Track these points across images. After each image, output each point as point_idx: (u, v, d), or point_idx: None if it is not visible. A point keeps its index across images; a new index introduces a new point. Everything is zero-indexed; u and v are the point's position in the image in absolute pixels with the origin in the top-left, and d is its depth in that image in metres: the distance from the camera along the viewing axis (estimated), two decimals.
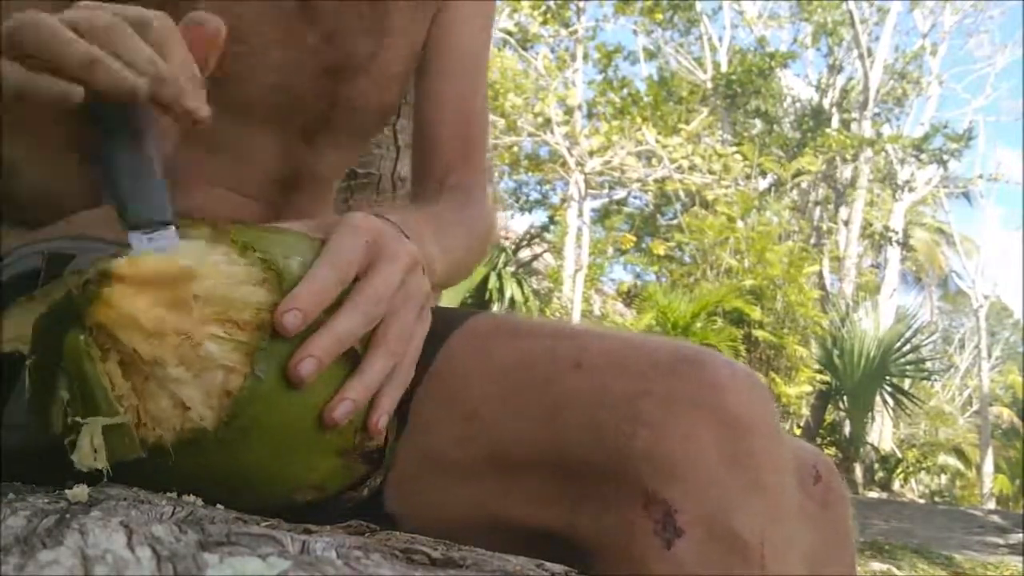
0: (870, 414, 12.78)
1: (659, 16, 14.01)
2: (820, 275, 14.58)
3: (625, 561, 0.55)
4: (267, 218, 0.80)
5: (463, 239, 0.80)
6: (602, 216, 14.93)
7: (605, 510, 0.56)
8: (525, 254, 13.08)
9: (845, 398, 12.20)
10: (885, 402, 12.17)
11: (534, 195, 15.34)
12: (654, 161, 12.59)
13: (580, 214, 12.46)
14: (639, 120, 11.71)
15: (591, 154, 11.83)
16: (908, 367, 12.03)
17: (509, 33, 12.42)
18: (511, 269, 10.85)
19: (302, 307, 0.49)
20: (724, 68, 15.10)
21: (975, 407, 20.63)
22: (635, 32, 14.73)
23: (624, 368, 0.58)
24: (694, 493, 0.54)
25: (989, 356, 19.71)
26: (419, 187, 0.90)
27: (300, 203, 0.82)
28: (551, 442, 0.58)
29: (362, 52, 0.78)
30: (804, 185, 15.76)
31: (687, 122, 12.94)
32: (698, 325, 9.82)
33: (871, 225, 16.45)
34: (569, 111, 12.30)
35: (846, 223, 15.75)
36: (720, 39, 16.33)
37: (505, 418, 0.60)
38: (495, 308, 10.11)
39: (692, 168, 12.17)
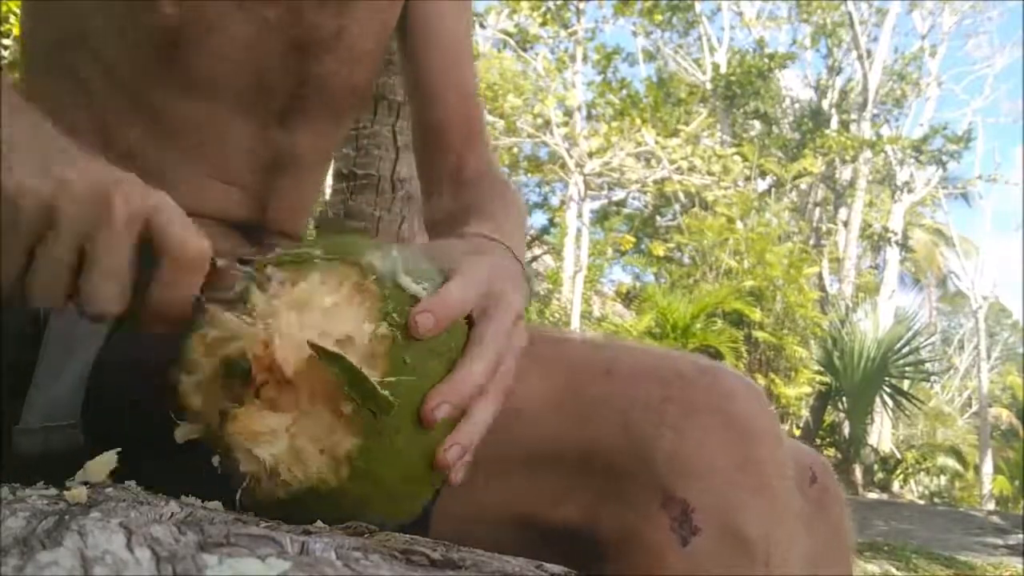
0: (869, 415, 12.79)
1: (658, 17, 14.02)
2: (820, 276, 14.59)
3: (643, 556, 0.57)
4: (251, 204, 0.80)
5: (520, 231, 0.82)
6: (601, 217, 14.94)
7: (625, 506, 0.59)
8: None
9: (844, 399, 12.20)
10: (884, 403, 12.17)
11: (533, 197, 15.35)
12: (653, 162, 12.60)
13: (579, 215, 12.47)
14: (638, 121, 11.72)
15: (590, 155, 11.84)
16: (907, 368, 12.04)
17: (508, 34, 12.43)
18: None
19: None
20: (723, 69, 15.10)
21: (974, 408, 20.64)
22: (634, 33, 14.74)
23: (651, 376, 0.62)
24: (709, 493, 0.57)
25: (988, 357, 19.72)
26: (431, 179, 0.91)
27: (284, 188, 0.82)
28: (582, 441, 0.61)
29: (327, 28, 0.78)
30: (803, 186, 15.77)
31: (686, 123, 12.95)
32: (698, 326, 9.82)
33: (870, 226, 16.46)
34: (568, 112, 12.31)
35: (845, 224, 15.76)
36: (719, 40, 16.34)
37: (544, 416, 0.62)
38: None
39: (691, 169, 12.17)
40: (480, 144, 0.91)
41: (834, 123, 16.41)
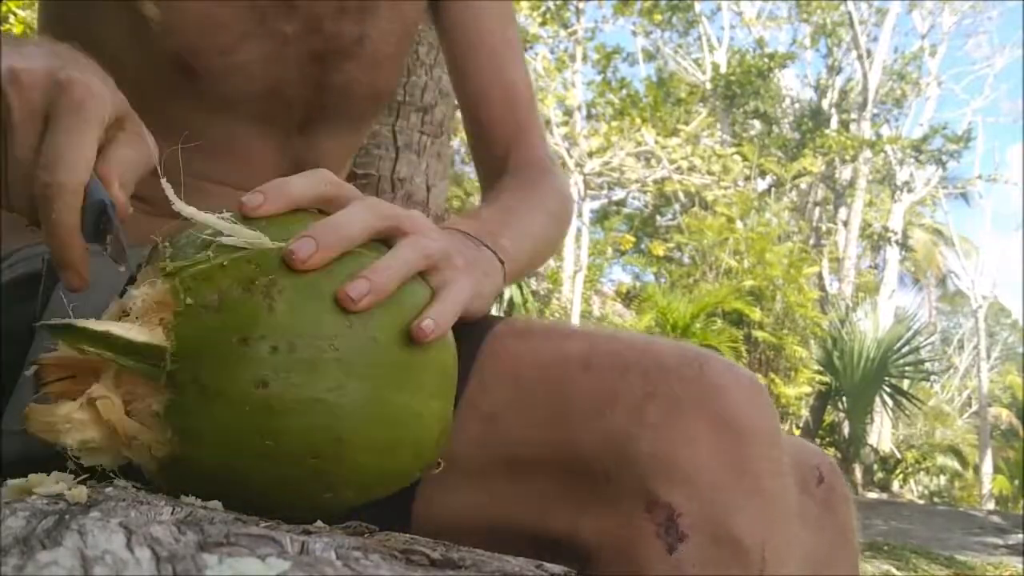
0: (869, 415, 12.79)
1: (658, 17, 14.03)
2: (820, 276, 14.59)
3: (627, 565, 0.54)
4: None
5: (539, 219, 0.79)
6: (601, 217, 14.94)
7: (608, 513, 0.56)
8: None
9: (844, 399, 12.20)
10: (884, 403, 12.17)
11: None
12: (653, 162, 12.60)
13: (579, 215, 12.47)
14: (638, 121, 11.72)
15: (590, 155, 11.84)
16: (907, 368, 12.04)
17: None
18: None
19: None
20: (723, 69, 15.11)
21: (974, 408, 20.64)
22: (634, 33, 14.74)
23: (631, 369, 0.58)
24: (696, 497, 0.54)
25: (988, 357, 19.72)
26: (484, 175, 0.90)
27: None
28: (560, 444, 0.58)
29: (348, 36, 0.77)
30: (803, 186, 15.77)
31: (686, 123, 12.95)
32: (697, 326, 9.82)
33: (870, 226, 16.46)
34: (568, 112, 12.31)
35: (845, 224, 15.76)
36: (719, 40, 16.35)
37: (519, 419, 0.60)
38: (493, 309, 10.09)
39: (691, 169, 12.18)
40: (530, 138, 0.89)
41: (834, 123, 16.41)
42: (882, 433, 14.65)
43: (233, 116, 0.75)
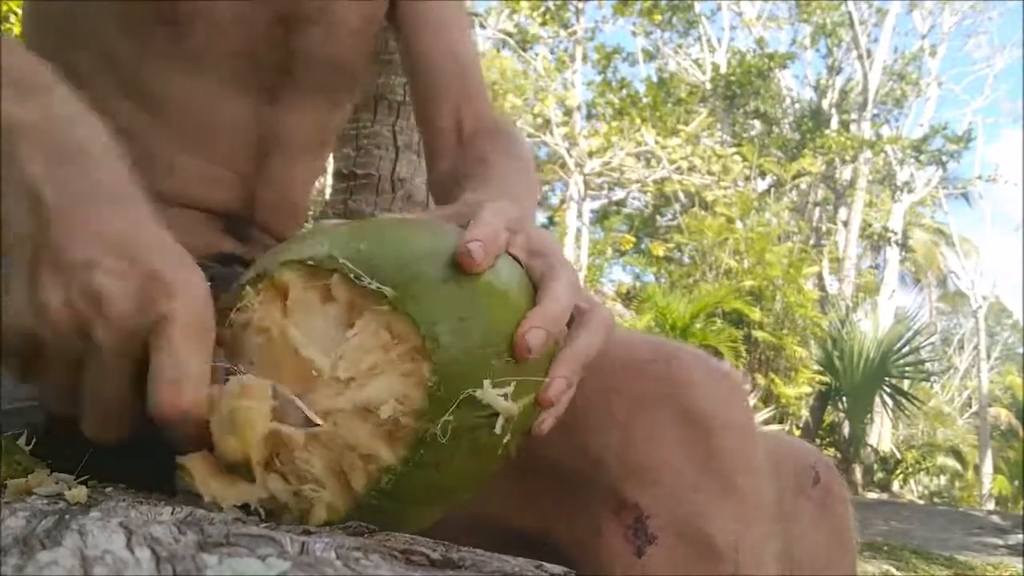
0: (869, 415, 12.78)
1: (658, 17, 14.02)
2: (819, 276, 14.59)
3: (597, 568, 0.53)
4: (242, 188, 0.80)
5: (525, 184, 0.78)
6: (601, 217, 14.94)
7: (577, 514, 0.54)
8: None
9: (844, 399, 12.19)
10: (884, 403, 12.17)
11: None
12: (653, 162, 12.60)
13: (579, 215, 12.47)
14: (638, 121, 11.72)
15: (590, 155, 11.84)
16: (907, 368, 12.03)
17: (508, 34, 12.43)
18: None
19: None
20: (723, 69, 15.10)
21: (974, 408, 20.63)
22: (634, 33, 14.74)
23: (600, 366, 0.56)
24: (666, 497, 0.52)
25: (988, 357, 19.71)
26: (431, 144, 0.89)
27: (273, 173, 0.82)
28: (526, 443, 0.57)
29: (310, 1, 0.78)
30: (803, 186, 15.77)
31: (686, 123, 12.95)
32: (697, 326, 9.82)
33: (870, 226, 16.46)
34: (568, 112, 12.31)
35: (845, 224, 15.76)
36: (719, 40, 16.34)
37: None
38: None
39: (691, 169, 12.18)
40: (479, 102, 0.88)
41: (834, 123, 16.41)
42: (882, 433, 14.64)
43: (206, 79, 0.76)
